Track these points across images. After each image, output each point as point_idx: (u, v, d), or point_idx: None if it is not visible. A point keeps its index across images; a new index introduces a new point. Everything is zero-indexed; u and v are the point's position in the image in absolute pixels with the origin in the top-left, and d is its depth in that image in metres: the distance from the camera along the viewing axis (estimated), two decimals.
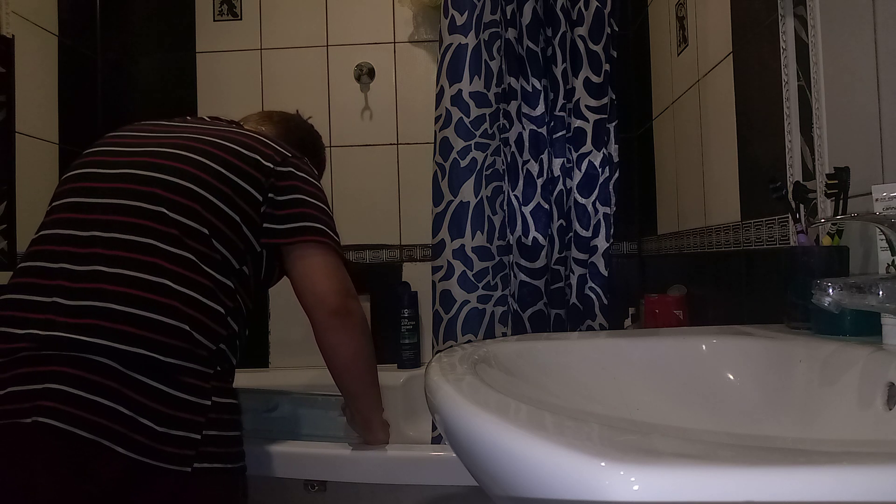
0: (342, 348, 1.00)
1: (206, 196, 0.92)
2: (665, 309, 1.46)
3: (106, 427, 0.80)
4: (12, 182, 1.57)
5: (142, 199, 0.90)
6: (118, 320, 0.84)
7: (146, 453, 0.81)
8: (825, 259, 0.78)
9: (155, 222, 0.89)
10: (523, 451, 0.36)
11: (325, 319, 0.98)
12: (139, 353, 0.83)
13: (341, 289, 0.98)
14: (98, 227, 0.89)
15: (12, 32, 1.58)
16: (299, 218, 0.97)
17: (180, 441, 0.84)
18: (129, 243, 0.88)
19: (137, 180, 0.92)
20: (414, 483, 1.08)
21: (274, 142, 1.01)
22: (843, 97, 0.87)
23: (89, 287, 0.85)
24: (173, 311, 0.86)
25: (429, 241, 1.53)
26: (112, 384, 0.81)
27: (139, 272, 0.86)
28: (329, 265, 0.98)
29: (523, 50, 1.59)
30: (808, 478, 0.29)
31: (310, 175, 1.02)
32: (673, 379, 0.75)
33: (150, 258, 0.87)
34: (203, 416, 0.86)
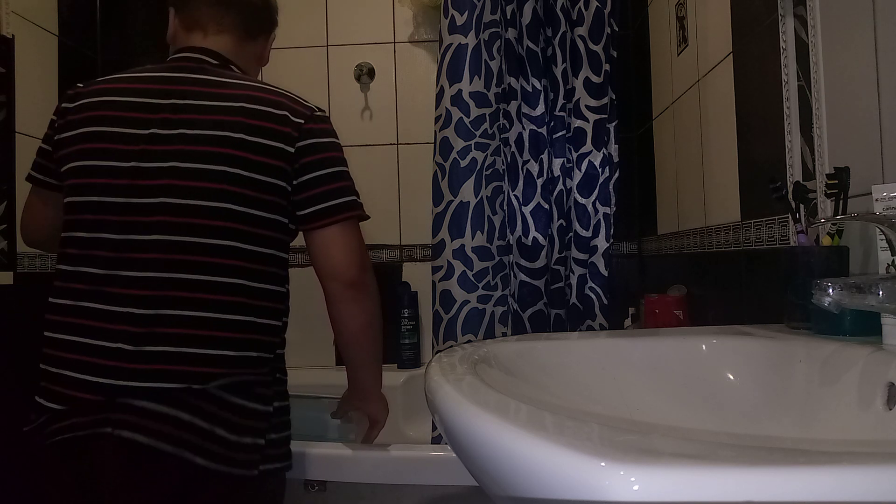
0: (353, 320, 1.01)
1: (245, 211, 0.90)
2: (665, 309, 1.46)
3: (184, 439, 0.83)
4: (12, 182, 1.57)
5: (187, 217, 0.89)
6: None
7: (221, 461, 0.85)
8: (825, 259, 0.78)
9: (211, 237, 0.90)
10: (523, 451, 0.36)
11: (339, 291, 0.99)
12: (212, 372, 0.87)
13: (358, 262, 0.99)
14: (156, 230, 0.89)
15: (12, 32, 1.58)
16: (321, 199, 0.96)
17: (249, 447, 0.88)
18: (189, 263, 0.88)
19: (174, 202, 0.89)
20: (414, 483, 1.08)
21: (287, 107, 0.95)
22: (843, 97, 0.87)
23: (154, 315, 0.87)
24: (246, 325, 0.90)
25: (429, 241, 1.53)
26: (190, 399, 0.85)
27: (208, 289, 0.89)
28: (347, 238, 0.98)
29: (523, 50, 1.59)
30: (808, 478, 0.29)
31: (326, 132, 0.99)
32: (673, 379, 0.75)
33: (218, 278, 0.89)
34: (267, 422, 0.91)
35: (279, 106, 0.94)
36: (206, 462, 0.83)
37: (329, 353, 1.97)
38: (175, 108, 0.92)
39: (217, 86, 0.94)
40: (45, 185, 1.01)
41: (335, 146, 1.00)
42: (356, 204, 1.00)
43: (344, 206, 0.98)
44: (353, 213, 0.99)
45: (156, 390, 0.84)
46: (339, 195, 0.97)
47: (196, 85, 0.94)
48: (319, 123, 0.98)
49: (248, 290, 0.91)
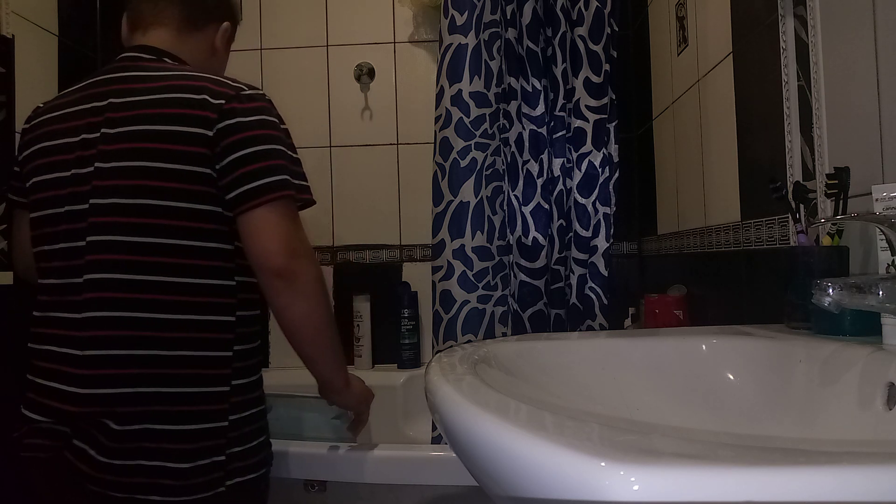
0: (287, 311, 0.92)
1: (169, 205, 0.88)
2: (665, 309, 1.46)
3: (134, 484, 0.82)
4: None
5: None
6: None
7: (180, 492, 0.83)
8: (825, 259, 0.78)
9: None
10: (523, 451, 0.36)
11: (267, 281, 0.90)
12: (150, 391, 0.85)
13: (284, 249, 0.88)
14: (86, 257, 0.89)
15: (12, 32, 1.57)
16: (244, 181, 0.88)
17: (208, 468, 0.85)
18: (122, 282, 0.87)
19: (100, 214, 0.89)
20: (414, 483, 1.08)
21: (207, 91, 0.90)
22: (843, 97, 0.87)
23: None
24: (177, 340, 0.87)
25: (429, 241, 1.53)
26: (129, 441, 0.83)
27: (136, 307, 0.87)
28: (272, 222, 0.88)
29: (523, 50, 1.59)
30: (808, 478, 0.29)
31: (253, 111, 0.91)
32: (673, 379, 0.75)
33: (143, 295, 0.87)
34: (224, 438, 0.87)
35: (199, 91, 0.90)
36: (162, 498, 0.82)
37: None
38: (102, 110, 0.91)
39: (142, 80, 0.92)
40: (21, 204, 1.01)
41: (265, 124, 0.91)
42: (285, 184, 0.89)
43: (269, 187, 0.88)
44: (279, 193, 0.88)
45: (99, 424, 0.84)
46: (264, 175, 0.88)
47: (124, 83, 0.92)
48: (246, 103, 0.91)
49: (182, 288, 0.87)
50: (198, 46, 1.04)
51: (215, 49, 1.09)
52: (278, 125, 0.94)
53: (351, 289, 1.95)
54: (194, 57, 1.02)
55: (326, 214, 1.99)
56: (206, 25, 1.05)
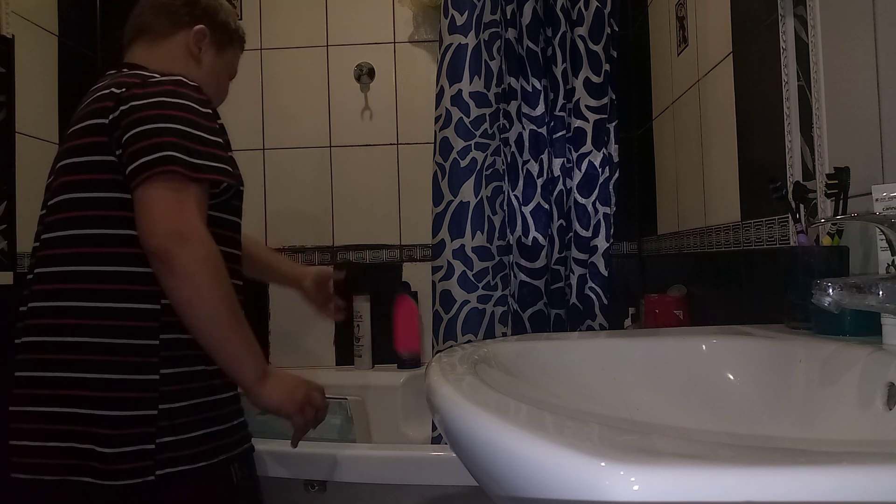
0: (171, 297, 0.85)
1: (85, 196, 0.91)
2: (665, 309, 1.46)
3: (68, 466, 0.85)
4: (12, 182, 1.57)
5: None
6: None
7: (107, 476, 0.84)
8: (825, 259, 0.78)
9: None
10: (523, 451, 0.36)
11: (152, 264, 0.84)
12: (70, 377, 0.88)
13: (160, 228, 0.82)
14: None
15: (12, 32, 1.57)
16: (130, 160, 0.85)
17: (134, 455, 0.85)
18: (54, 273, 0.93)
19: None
20: (414, 483, 1.09)
21: (115, 83, 0.91)
22: (843, 97, 0.87)
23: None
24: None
25: (429, 241, 1.53)
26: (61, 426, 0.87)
27: (55, 296, 0.91)
28: (148, 200, 0.83)
29: (523, 50, 1.59)
30: (808, 478, 0.29)
31: (151, 94, 0.88)
32: (673, 379, 0.75)
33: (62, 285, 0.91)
34: (153, 426, 0.86)
35: (109, 86, 0.91)
36: (93, 480, 0.84)
37: (329, 353, 1.97)
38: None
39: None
40: None
41: (161, 105, 0.88)
42: (169, 159, 0.83)
43: (149, 164, 0.83)
44: (159, 169, 0.83)
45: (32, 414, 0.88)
46: (147, 153, 0.84)
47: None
48: (146, 88, 0.89)
49: (103, 276, 0.88)
50: (170, 55, 1.03)
51: (191, 54, 1.05)
52: (183, 105, 0.89)
53: (351, 289, 1.95)
54: (172, 65, 1.00)
55: (326, 214, 1.99)
56: (174, 32, 1.04)
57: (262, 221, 1.99)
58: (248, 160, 2.00)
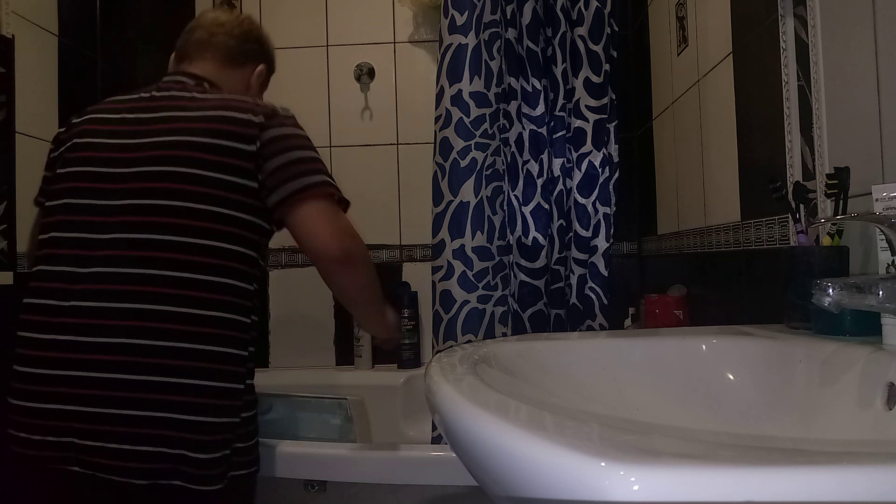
0: (347, 290, 1.06)
1: (204, 209, 0.95)
2: (665, 309, 1.46)
3: (159, 470, 0.87)
4: (12, 182, 1.57)
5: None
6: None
7: (200, 482, 0.89)
8: (825, 259, 0.78)
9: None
10: (523, 451, 0.36)
11: (326, 267, 1.01)
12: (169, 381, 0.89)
13: (337, 238, 1.00)
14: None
15: (12, 32, 1.58)
16: (288, 182, 0.98)
17: (221, 461, 0.92)
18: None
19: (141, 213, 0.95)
20: (414, 483, 1.09)
21: (249, 110, 1.00)
22: (843, 97, 0.87)
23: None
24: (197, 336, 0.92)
25: (429, 241, 1.53)
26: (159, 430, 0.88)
27: (146, 311, 0.92)
28: (321, 214, 1.00)
29: (523, 50, 1.59)
30: (808, 478, 0.29)
31: (288, 126, 1.03)
32: (673, 379, 0.75)
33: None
34: (233, 433, 0.94)
35: (240, 110, 1.00)
36: (184, 484, 0.88)
37: (329, 353, 1.97)
38: (147, 122, 1.01)
39: (188, 100, 1.02)
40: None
41: (300, 138, 1.04)
42: (327, 183, 1.02)
43: (313, 186, 0.99)
44: (323, 190, 1.00)
45: (110, 416, 0.88)
46: (306, 175, 0.99)
47: (171, 101, 1.02)
48: (282, 119, 1.03)
49: (207, 285, 0.93)
50: (235, 81, 1.16)
51: (249, 86, 1.22)
52: (309, 140, 1.07)
53: None
54: (231, 90, 1.13)
55: None
56: (244, 64, 1.19)
57: None
58: None
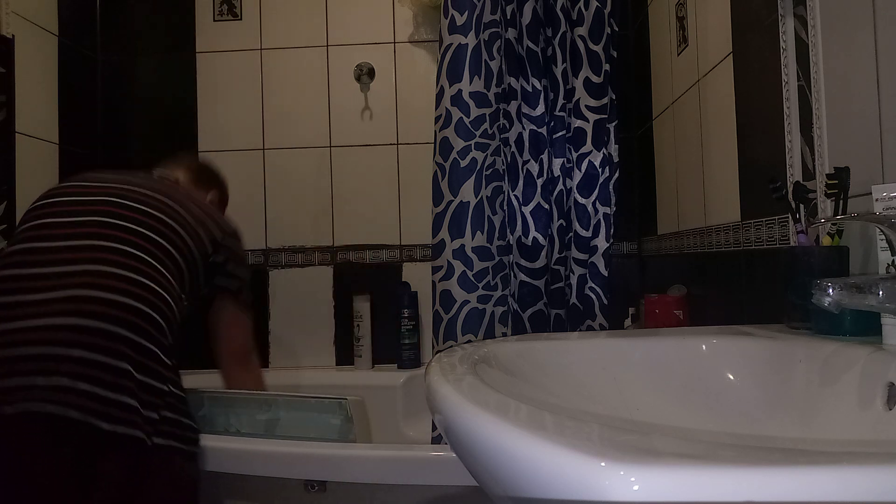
0: (240, 361, 1.35)
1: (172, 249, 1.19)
2: (665, 309, 1.46)
3: (85, 407, 0.95)
4: (12, 182, 1.57)
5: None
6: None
7: (121, 423, 0.97)
8: (825, 259, 0.78)
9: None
10: (523, 451, 0.36)
11: (236, 354, 1.34)
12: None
13: (249, 338, 1.36)
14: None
15: (12, 32, 1.58)
16: (227, 276, 1.29)
17: (144, 418, 0.99)
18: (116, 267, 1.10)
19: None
20: (414, 483, 1.08)
21: (215, 220, 1.30)
22: (843, 97, 0.87)
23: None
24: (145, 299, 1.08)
25: (429, 241, 1.53)
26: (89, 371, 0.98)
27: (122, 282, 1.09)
28: (240, 315, 1.33)
29: (523, 50, 1.59)
30: (808, 478, 0.29)
31: (237, 238, 1.35)
32: (673, 379, 0.75)
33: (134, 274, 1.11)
34: (161, 399, 1.03)
35: (205, 219, 1.29)
36: (109, 426, 0.95)
37: (329, 354, 1.97)
38: (133, 194, 1.22)
39: (170, 188, 1.29)
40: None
41: (243, 252, 1.39)
42: (248, 293, 1.39)
43: (240, 289, 1.37)
44: (243, 296, 1.37)
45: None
46: (240, 278, 1.37)
47: (154, 182, 1.28)
48: (235, 235, 1.36)
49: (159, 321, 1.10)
50: (199, 193, 1.44)
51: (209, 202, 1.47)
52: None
53: (351, 289, 1.95)
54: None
55: (326, 214, 1.99)
56: (203, 186, 1.47)
57: (263, 221, 2.00)
58: (248, 160, 2.01)
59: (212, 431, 1.24)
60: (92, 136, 1.97)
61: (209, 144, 2.01)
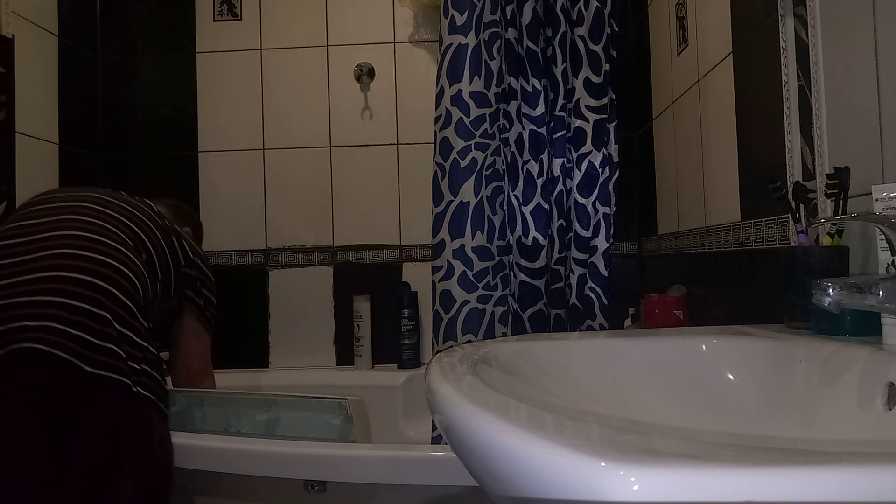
0: (198, 375, 1.39)
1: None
2: (665, 309, 1.46)
3: (72, 349, 0.99)
4: (12, 182, 1.57)
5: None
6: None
7: (105, 368, 1.01)
8: (825, 259, 0.78)
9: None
10: (523, 451, 0.36)
11: (194, 366, 1.39)
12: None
13: (205, 358, 1.40)
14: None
15: (12, 32, 1.58)
16: (194, 292, 1.36)
17: (129, 367, 1.04)
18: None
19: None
20: (414, 483, 1.08)
21: (188, 239, 1.38)
22: (843, 97, 0.87)
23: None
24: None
25: (429, 241, 1.53)
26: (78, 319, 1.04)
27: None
28: (202, 333, 1.39)
29: (523, 50, 1.59)
30: (808, 478, 0.29)
31: (208, 265, 1.42)
32: (673, 379, 0.75)
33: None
34: (141, 354, 1.08)
35: (181, 246, 1.36)
36: (94, 370, 0.99)
37: (329, 354, 1.97)
38: (129, 212, 1.30)
39: (153, 212, 1.33)
40: None
41: (211, 277, 1.45)
42: (211, 311, 1.45)
43: (205, 307, 1.43)
44: (208, 313, 1.44)
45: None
46: (207, 296, 1.45)
47: (143, 205, 1.33)
48: (206, 262, 1.44)
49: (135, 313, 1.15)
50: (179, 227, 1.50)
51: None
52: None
53: (351, 289, 1.95)
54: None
55: (326, 214, 1.99)
56: (180, 221, 1.48)
57: (262, 221, 2.00)
58: (248, 160, 2.01)
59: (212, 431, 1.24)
60: (92, 136, 1.97)
61: (209, 144, 2.01)
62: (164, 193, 2.00)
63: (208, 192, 2.01)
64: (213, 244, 1.99)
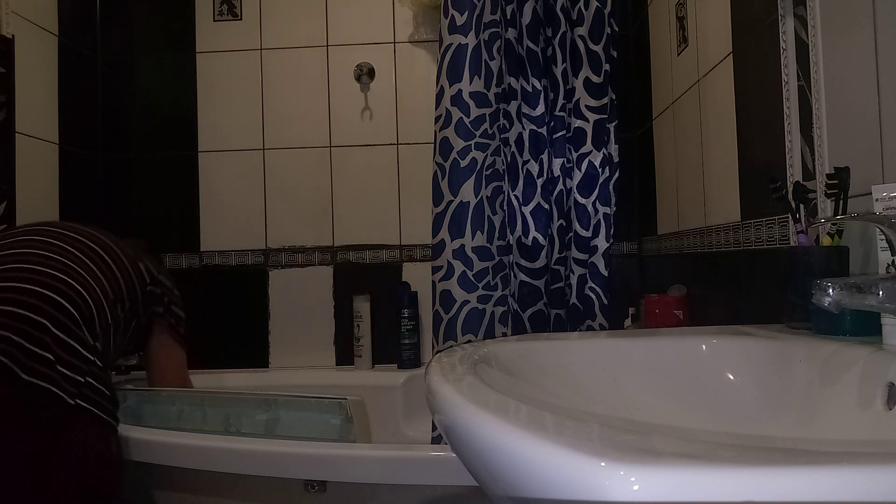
0: (177, 378, 1.47)
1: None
2: (665, 309, 1.46)
3: (8, 352, 1.01)
4: (12, 182, 1.57)
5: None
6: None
7: (39, 377, 1.02)
8: (825, 259, 0.78)
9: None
10: (523, 451, 0.36)
11: (171, 373, 1.46)
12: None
13: (182, 370, 1.49)
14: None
15: (12, 32, 1.58)
16: (167, 310, 1.43)
17: (61, 374, 1.05)
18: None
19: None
20: (414, 483, 1.08)
21: (149, 262, 1.44)
22: (843, 97, 0.87)
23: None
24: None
25: (429, 241, 1.53)
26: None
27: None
28: (177, 349, 1.47)
29: (523, 50, 1.59)
30: (808, 478, 0.29)
31: (176, 289, 1.49)
32: (673, 379, 0.75)
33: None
34: (86, 365, 1.10)
35: (155, 279, 1.44)
36: (27, 377, 1.01)
37: (329, 354, 1.97)
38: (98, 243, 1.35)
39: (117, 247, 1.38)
40: None
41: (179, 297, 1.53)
42: (183, 328, 1.53)
43: (178, 323, 1.50)
44: (180, 328, 1.52)
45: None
46: (177, 314, 1.52)
47: (107, 239, 1.37)
48: (173, 289, 1.51)
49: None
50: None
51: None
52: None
53: (351, 289, 1.95)
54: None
55: (326, 214, 1.99)
56: (140, 253, 1.48)
57: (262, 221, 2.00)
58: (248, 160, 2.01)
59: (212, 431, 1.24)
60: (92, 136, 1.97)
61: (209, 144, 2.01)
62: (164, 193, 2.01)
63: (208, 193, 2.01)
64: (213, 244, 1.99)
